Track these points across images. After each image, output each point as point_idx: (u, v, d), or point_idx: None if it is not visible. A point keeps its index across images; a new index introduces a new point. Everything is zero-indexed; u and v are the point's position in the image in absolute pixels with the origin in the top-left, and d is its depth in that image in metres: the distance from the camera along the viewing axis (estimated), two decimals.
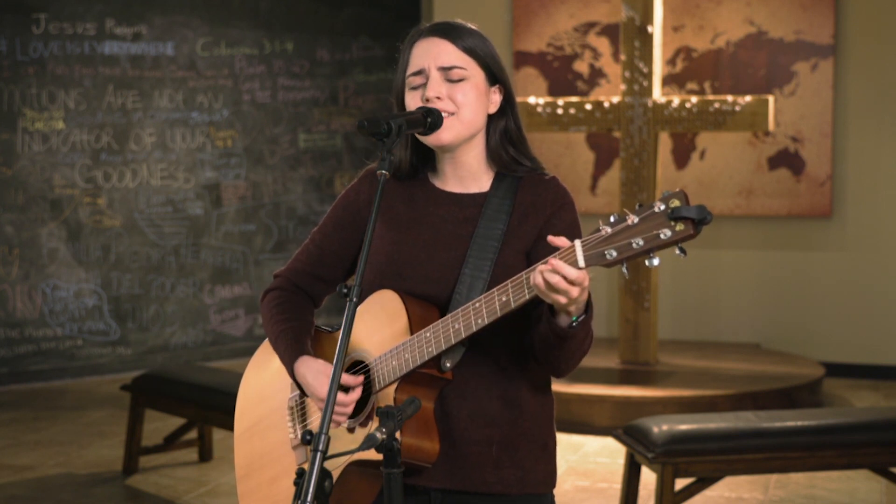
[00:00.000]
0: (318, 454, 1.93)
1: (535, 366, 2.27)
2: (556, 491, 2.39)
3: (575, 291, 1.99)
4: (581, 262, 1.98)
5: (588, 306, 2.11)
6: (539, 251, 2.25)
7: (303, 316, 2.43)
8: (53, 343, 7.68)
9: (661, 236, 1.90)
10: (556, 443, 2.39)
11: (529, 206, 2.30)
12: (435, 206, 2.34)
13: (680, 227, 1.89)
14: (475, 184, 2.34)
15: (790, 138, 7.47)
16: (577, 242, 1.99)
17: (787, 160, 7.49)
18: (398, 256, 2.30)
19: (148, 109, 7.92)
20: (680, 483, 4.28)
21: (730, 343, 7.62)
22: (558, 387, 6.31)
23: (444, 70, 2.26)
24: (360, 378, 2.23)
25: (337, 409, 2.23)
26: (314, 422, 2.38)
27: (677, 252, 1.92)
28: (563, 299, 2.01)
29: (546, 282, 2.00)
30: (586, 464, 5.61)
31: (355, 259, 2.43)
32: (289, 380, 2.43)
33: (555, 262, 1.99)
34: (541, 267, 2.01)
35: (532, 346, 2.23)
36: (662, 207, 1.90)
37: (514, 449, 2.28)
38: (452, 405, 2.25)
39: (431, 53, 2.27)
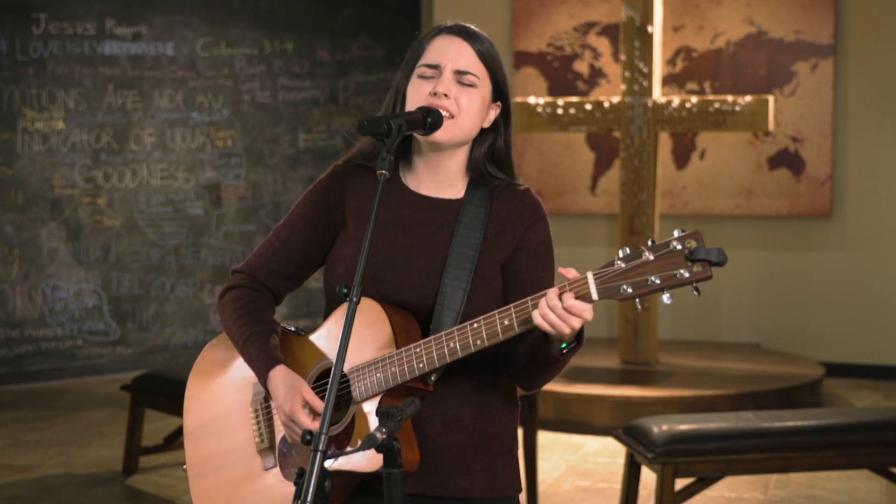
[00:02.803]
0: (318, 454, 1.93)
1: (506, 377, 2.31)
2: (556, 491, 2.40)
3: (577, 322, 2.03)
4: (594, 296, 2.01)
5: (580, 334, 2.14)
6: (516, 264, 2.29)
7: (269, 318, 2.37)
8: (53, 343, 7.67)
9: (678, 276, 1.95)
10: (518, 448, 2.42)
11: (506, 217, 2.31)
12: (411, 208, 2.33)
13: (698, 268, 1.93)
14: (451, 189, 2.35)
15: (790, 138, 7.47)
16: (590, 275, 2.01)
17: (787, 160, 7.49)
18: (375, 259, 2.28)
19: (148, 109, 7.91)
20: (680, 483, 4.27)
21: (730, 343, 7.62)
22: (558, 387, 6.32)
23: (459, 73, 2.27)
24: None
25: (295, 428, 2.22)
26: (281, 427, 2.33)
27: (694, 292, 1.97)
28: (566, 330, 2.04)
29: (551, 311, 2.03)
30: (586, 464, 5.60)
31: (322, 258, 2.40)
32: (247, 379, 2.38)
33: (561, 293, 2.02)
34: (546, 298, 2.03)
35: (507, 361, 2.26)
36: (680, 247, 1.94)
37: (485, 453, 2.30)
38: (426, 412, 2.25)
39: (451, 52, 2.28)
